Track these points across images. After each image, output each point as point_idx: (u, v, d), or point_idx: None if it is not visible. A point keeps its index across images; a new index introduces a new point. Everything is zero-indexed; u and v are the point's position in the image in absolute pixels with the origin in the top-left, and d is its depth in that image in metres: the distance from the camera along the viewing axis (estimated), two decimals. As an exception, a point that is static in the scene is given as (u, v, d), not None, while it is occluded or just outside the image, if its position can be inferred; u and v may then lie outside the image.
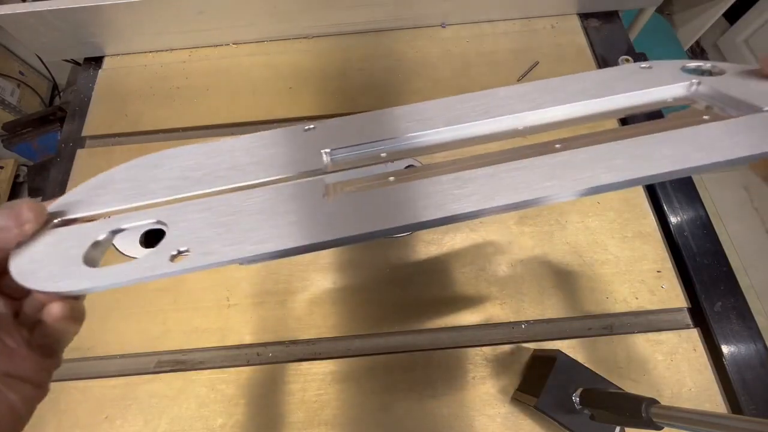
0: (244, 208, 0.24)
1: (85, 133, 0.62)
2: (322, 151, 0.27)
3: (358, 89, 0.63)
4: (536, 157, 0.24)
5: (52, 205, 0.24)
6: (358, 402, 0.44)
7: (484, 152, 0.27)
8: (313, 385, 0.45)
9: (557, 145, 0.26)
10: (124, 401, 0.45)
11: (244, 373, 0.46)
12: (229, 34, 0.67)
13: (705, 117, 0.26)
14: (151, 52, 0.69)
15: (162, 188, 0.25)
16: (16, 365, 0.19)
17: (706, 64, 0.29)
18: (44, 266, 0.21)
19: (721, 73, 0.29)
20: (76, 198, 0.25)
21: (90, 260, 0.22)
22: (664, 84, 0.28)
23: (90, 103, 0.65)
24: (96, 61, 0.69)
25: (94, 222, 0.24)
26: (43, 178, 0.62)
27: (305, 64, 0.66)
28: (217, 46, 0.69)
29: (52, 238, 0.23)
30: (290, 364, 0.46)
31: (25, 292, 0.21)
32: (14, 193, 1.57)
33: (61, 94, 1.73)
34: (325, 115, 0.62)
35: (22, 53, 1.58)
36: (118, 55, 0.69)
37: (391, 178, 0.25)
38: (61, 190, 0.58)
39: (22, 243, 0.22)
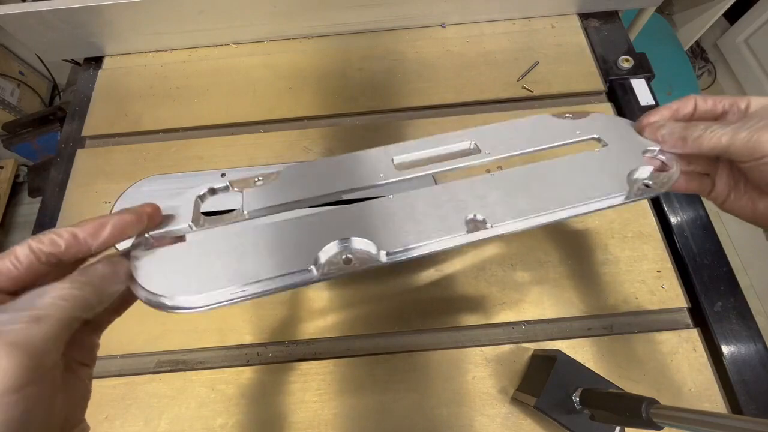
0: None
1: (85, 133, 0.62)
2: None
3: (358, 89, 0.63)
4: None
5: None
6: (358, 402, 0.44)
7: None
8: (313, 385, 0.45)
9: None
10: (124, 401, 0.45)
11: (244, 373, 0.46)
12: (229, 34, 0.67)
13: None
14: (151, 52, 0.69)
15: None
16: (86, 349, 0.23)
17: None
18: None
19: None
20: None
21: None
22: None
23: (90, 103, 0.65)
24: (96, 61, 0.69)
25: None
26: (43, 178, 0.62)
27: (305, 64, 0.66)
28: (217, 46, 0.69)
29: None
30: (290, 364, 0.46)
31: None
32: (14, 193, 1.57)
33: (61, 94, 1.73)
34: (325, 115, 0.62)
35: (22, 53, 1.58)
36: (118, 55, 0.69)
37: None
38: (61, 190, 0.58)
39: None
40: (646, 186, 0.30)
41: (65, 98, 1.66)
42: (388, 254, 0.25)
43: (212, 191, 0.29)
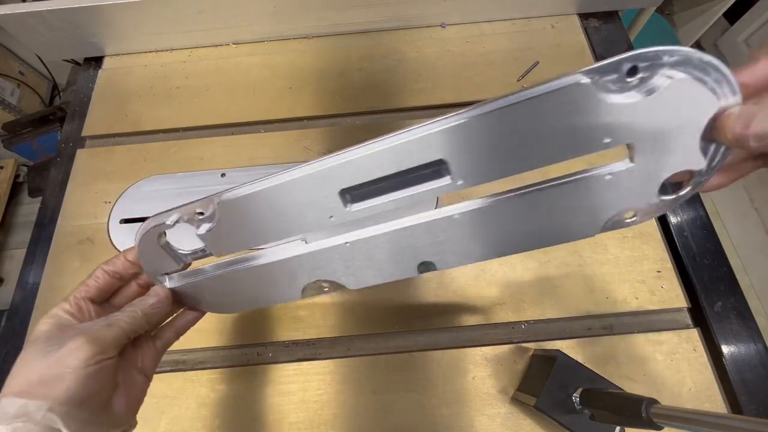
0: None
1: (85, 133, 0.62)
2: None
3: (358, 89, 0.63)
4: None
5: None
6: (358, 402, 0.44)
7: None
8: (313, 385, 0.45)
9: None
10: (124, 401, 0.45)
11: (244, 373, 0.46)
12: (229, 34, 0.67)
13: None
14: (151, 52, 0.69)
15: None
16: (148, 363, 0.29)
17: None
18: None
19: None
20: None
21: None
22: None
23: (90, 103, 0.65)
24: (96, 61, 0.69)
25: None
26: (43, 178, 0.62)
27: (305, 64, 0.66)
28: (217, 46, 0.69)
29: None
30: (290, 364, 0.46)
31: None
32: (14, 193, 1.57)
33: (61, 94, 1.73)
34: (325, 115, 0.62)
35: (22, 53, 1.58)
36: (118, 55, 0.69)
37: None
38: (61, 190, 0.58)
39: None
40: (631, 214, 0.24)
41: (65, 98, 1.66)
42: (353, 286, 0.30)
43: (163, 233, 0.28)
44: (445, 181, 0.23)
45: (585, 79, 0.19)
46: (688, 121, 0.19)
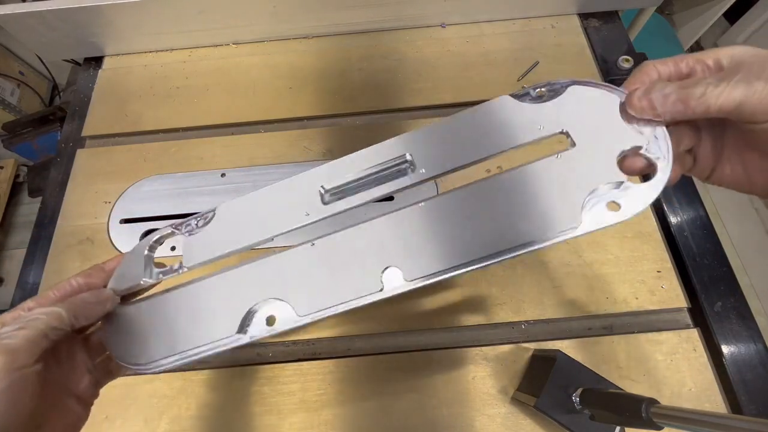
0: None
1: (85, 133, 0.62)
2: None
3: (358, 89, 0.63)
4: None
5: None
6: (358, 402, 0.44)
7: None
8: (313, 385, 0.45)
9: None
10: (124, 401, 0.45)
11: (244, 373, 0.46)
12: (229, 34, 0.67)
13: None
14: (151, 52, 0.69)
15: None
16: (86, 389, 0.26)
17: None
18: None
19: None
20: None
21: None
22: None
23: (90, 103, 0.65)
24: (96, 61, 0.69)
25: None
26: (43, 178, 0.62)
27: (305, 64, 0.66)
28: (217, 46, 0.69)
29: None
30: (290, 364, 0.46)
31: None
32: (14, 193, 1.57)
33: (61, 94, 1.73)
34: (325, 115, 0.62)
35: (22, 53, 1.58)
36: (118, 55, 0.69)
37: None
38: (61, 190, 0.58)
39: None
40: (615, 206, 0.24)
41: (65, 98, 1.66)
42: (304, 316, 0.27)
43: (158, 241, 0.31)
44: (410, 172, 0.28)
45: (508, 97, 0.28)
46: (601, 109, 0.26)
